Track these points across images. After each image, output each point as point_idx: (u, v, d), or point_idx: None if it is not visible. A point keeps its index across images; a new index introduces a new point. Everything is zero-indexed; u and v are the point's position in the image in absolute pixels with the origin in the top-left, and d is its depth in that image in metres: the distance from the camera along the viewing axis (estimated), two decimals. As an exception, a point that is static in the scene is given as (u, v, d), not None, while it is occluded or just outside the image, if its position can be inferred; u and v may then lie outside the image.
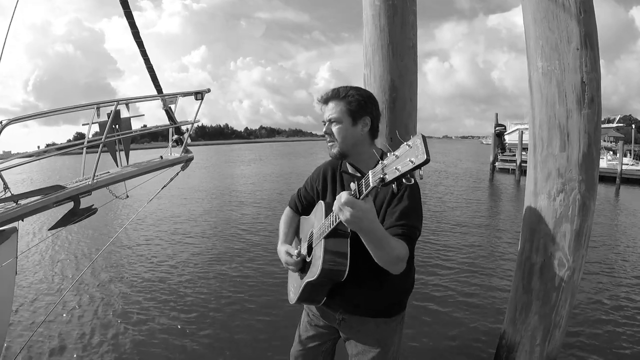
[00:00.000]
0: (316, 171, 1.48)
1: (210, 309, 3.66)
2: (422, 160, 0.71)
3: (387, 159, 0.79)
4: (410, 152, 0.74)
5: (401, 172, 0.74)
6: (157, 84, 3.09)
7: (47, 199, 2.20)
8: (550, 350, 1.85)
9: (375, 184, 0.82)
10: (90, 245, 6.23)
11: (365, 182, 0.87)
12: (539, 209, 1.79)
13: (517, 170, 16.53)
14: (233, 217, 8.52)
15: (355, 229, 0.97)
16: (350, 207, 0.90)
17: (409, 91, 2.02)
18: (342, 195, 0.92)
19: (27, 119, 2.39)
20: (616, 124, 29.84)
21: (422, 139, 0.72)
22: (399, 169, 0.75)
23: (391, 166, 0.77)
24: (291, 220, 1.54)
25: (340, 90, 1.26)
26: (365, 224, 0.94)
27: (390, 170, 0.77)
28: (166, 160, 2.95)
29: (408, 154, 0.74)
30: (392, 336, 1.35)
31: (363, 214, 0.91)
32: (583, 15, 1.65)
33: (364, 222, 0.93)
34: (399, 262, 1.09)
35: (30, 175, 21.71)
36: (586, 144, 1.68)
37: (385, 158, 0.81)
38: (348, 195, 0.91)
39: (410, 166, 0.73)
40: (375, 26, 2.00)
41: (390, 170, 0.77)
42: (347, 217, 0.92)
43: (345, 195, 0.91)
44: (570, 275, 1.74)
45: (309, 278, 1.23)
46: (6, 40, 2.50)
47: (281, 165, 27.23)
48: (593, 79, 1.67)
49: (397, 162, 0.76)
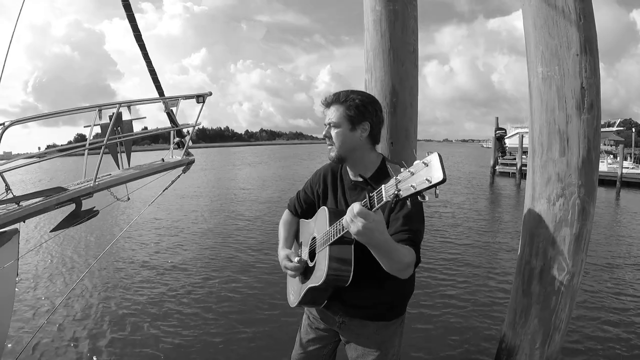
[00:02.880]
0: (316, 174, 1.48)
1: (210, 310, 3.67)
2: (438, 180, 0.70)
3: (401, 174, 0.78)
4: (426, 171, 0.73)
5: (417, 189, 0.74)
6: (158, 86, 3.11)
7: (49, 201, 2.21)
8: (549, 354, 1.85)
9: (389, 199, 0.82)
10: (92, 248, 6.23)
11: (378, 196, 0.87)
12: (538, 213, 1.80)
13: (518, 174, 16.53)
14: (234, 219, 8.52)
15: (365, 241, 0.96)
16: (363, 218, 0.90)
17: (409, 96, 2.03)
18: (355, 206, 0.92)
19: (30, 120, 2.40)
20: (616, 127, 29.85)
21: (438, 157, 0.72)
22: (415, 186, 0.74)
23: (406, 183, 0.77)
24: (291, 224, 1.54)
25: (342, 95, 1.27)
26: (376, 236, 0.94)
27: (405, 187, 0.77)
28: (167, 162, 2.96)
29: (424, 172, 0.73)
30: (392, 339, 1.35)
31: (375, 225, 0.91)
32: (583, 21, 1.66)
33: (375, 234, 0.93)
34: (408, 268, 1.10)
35: (31, 177, 21.72)
36: (586, 149, 1.68)
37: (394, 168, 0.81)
38: (361, 206, 0.91)
39: (426, 185, 0.72)
40: (376, 31, 2.02)
41: (405, 187, 0.77)
42: (359, 227, 0.91)
43: (358, 207, 0.91)
44: (570, 279, 1.75)
45: (312, 283, 1.23)
46: (10, 43, 2.52)
47: (283, 167, 27.24)
48: (593, 84, 1.68)
49: (413, 180, 0.75)
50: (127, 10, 2.85)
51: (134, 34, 2.94)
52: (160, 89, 3.13)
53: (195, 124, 3.08)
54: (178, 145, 3.15)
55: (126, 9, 2.84)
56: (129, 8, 2.84)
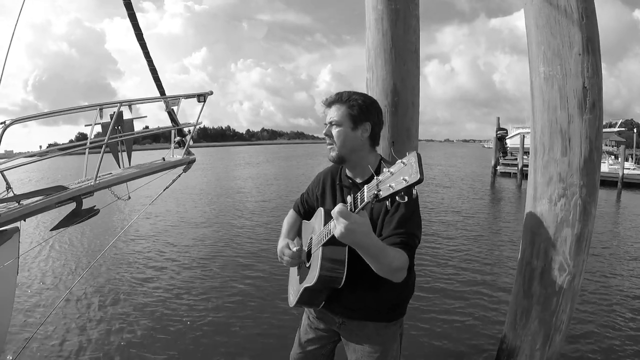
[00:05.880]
0: (317, 177, 1.50)
1: (210, 310, 3.66)
2: (415, 180, 0.70)
3: (382, 174, 0.79)
4: (404, 170, 0.73)
5: (394, 189, 0.74)
6: (159, 85, 3.11)
7: (50, 200, 2.21)
8: (550, 355, 1.84)
9: (370, 199, 0.82)
10: (92, 246, 6.24)
11: (361, 197, 0.87)
12: (539, 213, 1.79)
13: (519, 174, 16.49)
14: (234, 218, 8.52)
15: (349, 242, 0.96)
16: (344, 218, 0.91)
17: (411, 95, 2.02)
18: (337, 207, 0.93)
19: (31, 119, 2.40)
20: (618, 128, 29.76)
21: (417, 157, 0.72)
22: (393, 186, 0.74)
23: (385, 183, 0.77)
24: (293, 222, 1.55)
25: (344, 95, 1.28)
26: (358, 237, 0.94)
27: (385, 187, 0.77)
28: (168, 162, 2.96)
29: (402, 171, 0.73)
30: (392, 341, 1.35)
31: (357, 226, 0.91)
32: (585, 20, 1.65)
33: (357, 235, 0.93)
34: (398, 272, 1.09)
35: (32, 175, 21.77)
36: (587, 149, 1.68)
37: (380, 172, 0.80)
38: (342, 207, 0.92)
39: (403, 184, 0.72)
40: (378, 30, 2.01)
41: (385, 187, 0.77)
42: (341, 229, 0.91)
43: (340, 207, 0.92)
44: (571, 280, 1.74)
45: (306, 284, 1.23)
46: (11, 43, 2.52)
47: (285, 167, 27.24)
48: (594, 84, 1.67)
49: (391, 180, 0.75)
50: (128, 9, 2.85)
51: (135, 33, 2.94)
52: (161, 88, 3.13)
53: (196, 123, 3.08)
54: (179, 144, 3.15)
55: (127, 8, 2.84)
56: (130, 7, 2.84)
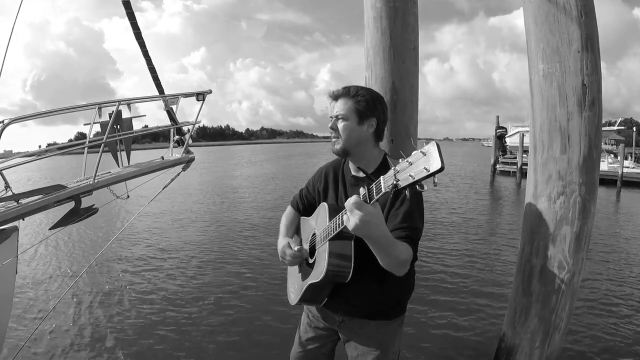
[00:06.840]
0: (318, 172, 1.49)
1: (209, 309, 3.66)
2: (436, 168, 0.70)
3: (400, 165, 0.78)
4: (424, 160, 0.73)
5: (415, 179, 0.74)
6: (158, 84, 3.10)
7: (48, 199, 2.20)
8: (549, 353, 1.84)
9: (388, 189, 0.81)
10: (91, 245, 6.24)
11: (377, 188, 0.86)
12: (539, 211, 1.79)
13: (518, 173, 16.51)
14: (233, 218, 8.52)
15: (362, 234, 0.95)
16: (359, 210, 0.90)
17: (409, 93, 2.02)
18: (352, 198, 0.91)
19: (29, 118, 2.39)
20: (617, 126, 29.78)
21: (436, 146, 0.71)
22: (413, 175, 0.74)
23: (404, 173, 0.77)
24: (292, 219, 1.54)
25: (351, 89, 1.28)
26: (372, 229, 0.94)
27: (404, 177, 0.77)
28: (167, 160, 2.95)
29: (422, 161, 0.73)
30: (392, 338, 1.35)
31: (372, 217, 0.91)
32: (584, 18, 1.65)
33: (371, 226, 0.93)
34: (404, 265, 1.10)
35: (31, 175, 21.73)
36: (587, 147, 1.67)
37: (395, 163, 0.80)
38: (357, 198, 0.91)
39: (424, 173, 0.72)
40: (376, 28, 2.00)
41: (404, 177, 0.77)
42: (356, 221, 0.90)
43: (355, 198, 0.91)
44: (570, 278, 1.74)
45: (312, 280, 1.23)
46: (9, 43, 2.51)
47: (284, 165, 27.23)
48: (594, 81, 1.67)
49: (411, 169, 0.75)
50: (127, 8, 2.84)
51: (133, 32, 2.93)
52: (160, 87, 3.12)
53: (195, 122, 3.07)
54: (178, 143, 3.14)
55: (126, 7, 2.83)
56: (128, 6, 2.83)
